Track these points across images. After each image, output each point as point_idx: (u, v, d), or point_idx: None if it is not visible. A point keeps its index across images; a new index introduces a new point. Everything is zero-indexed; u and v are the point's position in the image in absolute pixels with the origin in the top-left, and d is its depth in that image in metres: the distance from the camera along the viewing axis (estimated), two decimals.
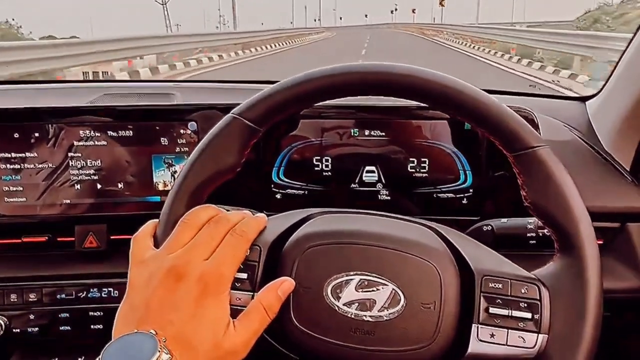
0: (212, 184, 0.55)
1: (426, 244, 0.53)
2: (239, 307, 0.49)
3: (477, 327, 0.49)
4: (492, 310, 0.50)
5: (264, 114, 0.54)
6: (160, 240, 0.52)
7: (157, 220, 0.55)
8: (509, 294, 0.50)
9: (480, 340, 0.49)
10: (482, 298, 0.50)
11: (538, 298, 0.50)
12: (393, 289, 0.50)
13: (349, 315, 0.50)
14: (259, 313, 0.49)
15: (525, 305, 0.50)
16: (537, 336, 0.49)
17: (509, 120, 0.52)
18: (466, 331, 0.50)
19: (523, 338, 0.49)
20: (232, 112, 0.55)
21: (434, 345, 0.49)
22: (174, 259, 0.49)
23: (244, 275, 0.51)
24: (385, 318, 0.49)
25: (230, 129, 0.54)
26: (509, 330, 0.49)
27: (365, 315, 0.50)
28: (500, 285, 0.50)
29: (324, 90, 0.54)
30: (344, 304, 0.50)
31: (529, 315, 0.49)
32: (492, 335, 0.49)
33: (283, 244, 0.53)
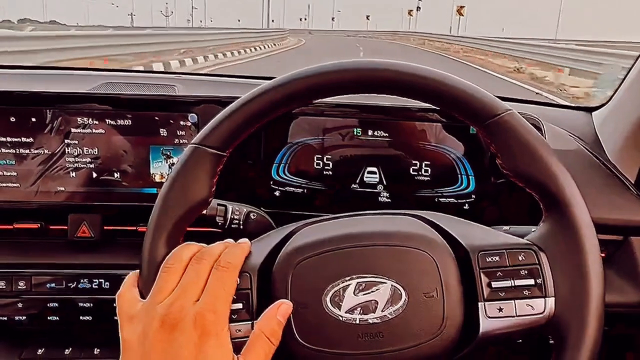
0: (188, 219, 0.52)
1: (415, 233, 0.53)
2: (241, 339, 0.48)
3: (484, 304, 0.49)
4: (494, 284, 0.49)
5: (226, 138, 0.52)
6: (145, 290, 0.50)
7: (137, 271, 0.52)
8: (508, 264, 0.50)
9: (490, 317, 0.49)
10: (482, 274, 0.50)
11: (537, 262, 0.50)
12: (392, 285, 0.49)
13: (353, 322, 0.48)
14: (262, 342, 0.47)
15: (526, 272, 0.49)
16: (545, 300, 0.48)
17: (472, 93, 0.51)
18: (474, 311, 0.49)
19: (531, 305, 0.48)
20: (192, 141, 0.53)
21: (445, 332, 0.48)
22: (164, 307, 0.46)
23: (240, 305, 0.49)
24: (390, 316, 0.48)
25: (195, 161, 0.52)
26: (516, 301, 0.49)
27: (370, 318, 0.48)
28: (497, 258, 0.50)
29: (280, 102, 0.52)
30: (346, 312, 0.49)
31: (531, 281, 0.49)
32: (500, 310, 0.49)
33: (272, 265, 0.52)
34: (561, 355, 0.47)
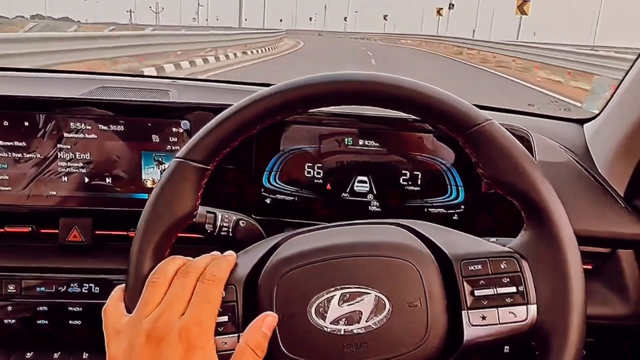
0: (173, 233, 0.53)
1: (398, 243, 0.53)
2: (227, 352, 0.48)
3: (467, 312, 0.49)
4: (477, 292, 0.50)
5: (210, 152, 0.53)
6: (131, 305, 0.50)
7: (123, 285, 0.53)
8: (490, 272, 0.50)
9: (473, 325, 0.49)
10: (464, 283, 0.50)
11: (518, 270, 0.50)
12: (376, 295, 0.50)
13: (338, 333, 0.49)
14: (248, 355, 0.47)
15: (508, 279, 0.50)
16: (527, 307, 0.49)
17: (451, 103, 0.52)
18: (458, 320, 0.50)
19: (514, 313, 0.49)
20: (176, 155, 0.53)
21: (429, 341, 0.49)
22: (150, 322, 0.47)
23: (225, 318, 0.49)
24: (374, 327, 0.49)
25: (179, 175, 0.53)
26: (499, 309, 0.49)
27: (354, 329, 0.49)
28: (479, 267, 0.51)
29: (265, 114, 0.53)
30: (330, 322, 0.49)
31: (513, 289, 0.50)
32: (484, 318, 0.49)
33: (257, 276, 0.52)
34: None
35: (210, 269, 0.50)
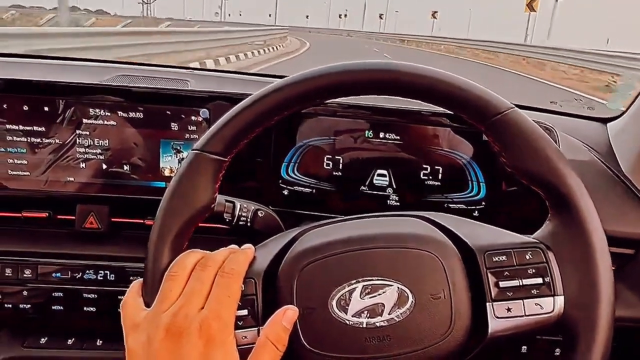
0: (191, 226, 0.52)
1: (421, 234, 0.52)
2: (247, 346, 0.47)
3: (492, 304, 0.48)
4: (502, 284, 0.48)
5: (227, 143, 0.52)
6: (149, 298, 0.49)
7: (141, 279, 0.52)
8: (515, 263, 0.49)
9: (498, 318, 0.48)
10: (489, 274, 0.49)
11: (544, 260, 0.49)
12: (398, 287, 0.49)
13: (360, 326, 0.48)
14: (268, 349, 0.46)
15: (534, 270, 0.49)
16: (554, 299, 0.48)
17: (473, 91, 0.51)
18: (482, 312, 0.48)
19: (540, 305, 0.48)
20: (193, 147, 0.53)
21: (454, 334, 0.48)
22: (169, 316, 0.46)
23: (245, 312, 0.49)
24: (397, 319, 0.48)
25: (196, 167, 0.52)
26: (524, 300, 0.48)
27: (377, 321, 0.48)
28: (504, 258, 0.49)
29: (282, 105, 0.52)
30: (352, 315, 0.48)
31: (539, 280, 0.48)
32: (509, 310, 0.48)
33: (277, 269, 0.51)
34: (572, 355, 0.46)
35: (229, 263, 0.50)
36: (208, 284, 0.48)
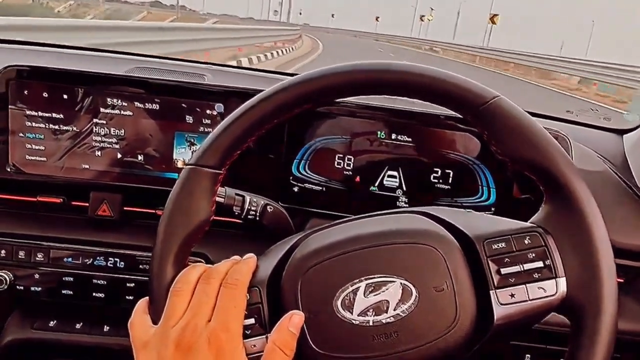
0: (191, 242, 0.53)
1: (419, 229, 0.52)
2: (257, 354, 0.48)
3: (495, 292, 0.48)
4: (503, 271, 0.49)
5: (221, 156, 0.53)
6: (156, 316, 0.50)
7: (147, 298, 0.53)
8: (514, 249, 0.49)
9: (503, 304, 0.48)
10: (489, 262, 0.49)
11: (543, 244, 0.49)
12: (401, 282, 0.49)
13: (367, 324, 0.48)
14: (276, 356, 0.47)
15: (534, 254, 0.49)
16: (556, 281, 0.48)
17: (456, 82, 0.51)
18: (487, 300, 0.49)
19: (543, 288, 0.48)
20: (187, 162, 0.54)
21: (460, 324, 0.48)
22: (177, 331, 0.47)
23: (252, 321, 0.49)
24: (403, 315, 0.48)
25: (193, 182, 0.53)
26: (527, 285, 0.48)
27: (383, 319, 0.48)
28: (503, 244, 0.50)
29: (271, 114, 0.53)
30: (358, 315, 0.48)
31: (540, 263, 0.48)
32: (512, 295, 0.48)
33: (280, 276, 0.52)
34: (579, 337, 0.46)
35: (232, 273, 0.51)
36: (213, 297, 0.49)
